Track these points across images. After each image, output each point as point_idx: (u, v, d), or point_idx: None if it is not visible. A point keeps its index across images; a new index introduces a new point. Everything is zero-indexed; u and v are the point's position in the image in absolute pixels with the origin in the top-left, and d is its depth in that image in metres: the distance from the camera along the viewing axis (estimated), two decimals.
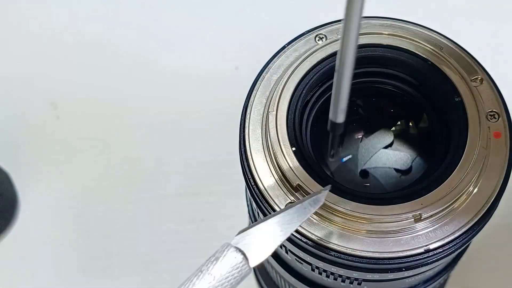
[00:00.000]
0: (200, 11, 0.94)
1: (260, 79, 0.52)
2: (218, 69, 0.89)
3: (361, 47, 0.53)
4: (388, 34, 0.53)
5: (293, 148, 0.48)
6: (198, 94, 0.88)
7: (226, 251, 0.42)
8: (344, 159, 0.58)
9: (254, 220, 0.57)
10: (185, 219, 0.81)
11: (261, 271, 0.70)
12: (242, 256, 0.41)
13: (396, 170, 0.56)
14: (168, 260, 0.79)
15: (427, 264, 0.47)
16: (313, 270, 0.50)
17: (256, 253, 0.41)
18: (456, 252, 0.51)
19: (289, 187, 0.47)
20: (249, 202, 0.56)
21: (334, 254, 0.45)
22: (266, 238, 0.42)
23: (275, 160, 0.48)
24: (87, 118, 0.88)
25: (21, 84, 0.91)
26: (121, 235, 0.80)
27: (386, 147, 0.57)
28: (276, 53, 0.54)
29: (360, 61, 0.54)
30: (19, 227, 0.82)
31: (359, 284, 0.49)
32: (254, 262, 0.41)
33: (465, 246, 0.51)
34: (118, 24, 0.95)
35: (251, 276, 0.75)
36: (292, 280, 0.56)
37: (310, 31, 0.55)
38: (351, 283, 0.49)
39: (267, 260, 0.59)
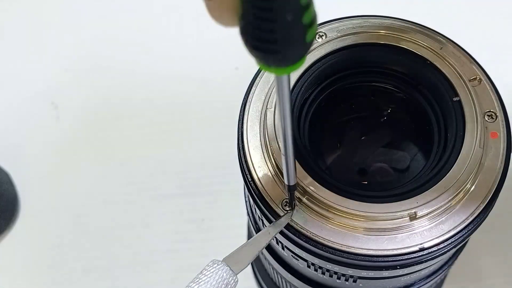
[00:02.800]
0: (201, 10, 0.94)
1: (259, 76, 0.52)
2: (218, 69, 0.89)
3: (360, 46, 0.53)
4: (387, 33, 0.53)
5: None
6: (198, 94, 0.88)
7: (213, 266, 0.44)
8: (343, 159, 0.58)
9: (252, 218, 0.57)
10: (185, 219, 0.81)
11: (260, 271, 0.70)
12: (228, 268, 0.44)
13: (394, 168, 0.56)
14: (168, 260, 0.79)
15: (422, 262, 0.47)
16: (309, 266, 0.50)
17: (238, 264, 0.45)
18: (452, 251, 0.51)
19: None
20: (247, 199, 0.56)
21: (328, 251, 0.45)
22: (244, 253, 0.46)
23: (273, 156, 0.48)
24: (87, 118, 0.88)
25: (21, 84, 0.91)
26: (121, 235, 0.80)
27: (384, 146, 0.57)
28: None
29: (358, 60, 0.54)
30: (20, 227, 0.82)
31: (354, 281, 0.49)
32: (238, 270, 0.45)
33: (461, 245, 0.51)
34: (118, 24, 0.95)
35: (251, 276, 0.75)
36: (288, 276, 0.56)
37: None
38: (346, 280, 0.49)
39: (264, 257, 0.59)
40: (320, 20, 0.54)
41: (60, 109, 0.89)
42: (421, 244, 0.45)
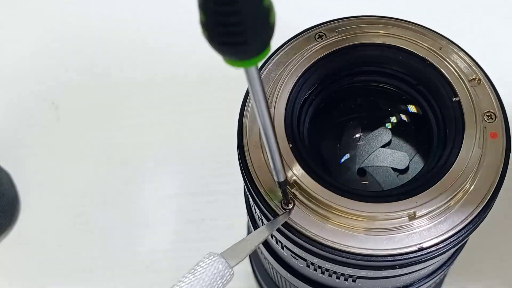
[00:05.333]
0: None
1: None
2: (218, 68, 0.89)
3: (360, 46, 0.53)
4: (387, 33, 0.53)
5: (290, 145, 0.48)
6: (198, 93, 0.88)
7: (209, 258, 0.44)
8: (342, 159, 0.58)
9: (252, 218, 0.57)
10: (185, 219, 0.81)
11: (260, 270, 0.70)
12: (224, 261, 0.44)
13: (394, 169, 0.56)
14: (168, 260, 0.79)
15: (421, 262, 0.47)
16: (308, 266, 0.50)
17: (234, 258, 0.45)
18: (451, 251, 0.51)
19: None
20: (247, 198, 0.56)
21: (328, 251, 0.45)
22: (240, 247, 0.46)
23: None
24: (87, 118, 0.88)
25: (21, 84, 0.91)
26: (121, 235, 0.80)
27: (383, 146, 0.57)
28: (275, 50, 0.53)
29: (358, 60, 0.54)
30: (20, 227, 0.82)
31: (353, 281, 0.49)
32: (233, 263, 0.45)
33: (460, 245, 0.51)
34: (119, 23, 0.95)
35: (251, 276, 0.75)
36: (288, 276, 0.56)
37: (310, 29, 0.55)
38: (345, 279, 0.50)
39: (264, 257, 0.60)
40: (320, 20, 0.55)
41: (60, 109, 0.89)
42: (420, 244, 0.45)
